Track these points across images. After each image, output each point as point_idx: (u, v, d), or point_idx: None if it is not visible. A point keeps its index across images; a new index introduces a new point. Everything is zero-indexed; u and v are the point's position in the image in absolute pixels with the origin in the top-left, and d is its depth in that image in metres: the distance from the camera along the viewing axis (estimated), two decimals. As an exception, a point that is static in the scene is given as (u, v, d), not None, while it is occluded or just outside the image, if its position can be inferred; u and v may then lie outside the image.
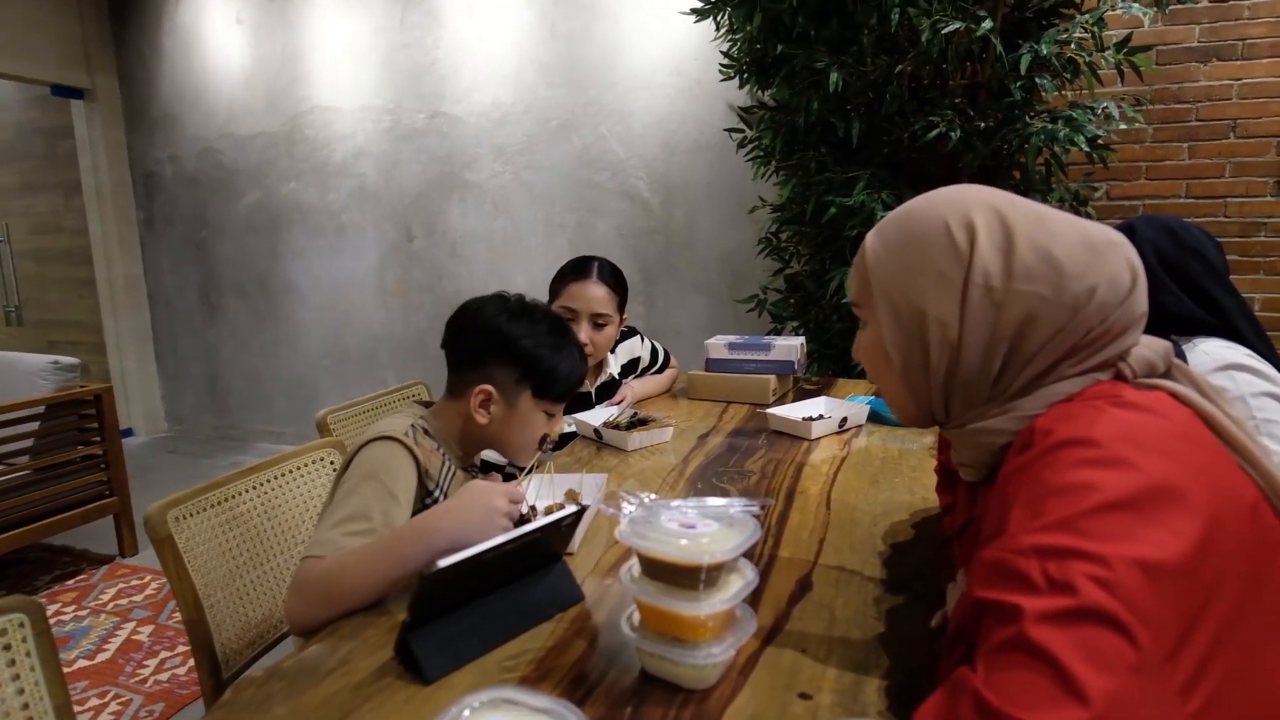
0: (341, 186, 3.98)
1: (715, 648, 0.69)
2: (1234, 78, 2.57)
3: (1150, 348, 0.67)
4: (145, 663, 2.18)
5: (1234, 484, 0.57)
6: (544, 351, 1.13)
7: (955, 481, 0.82)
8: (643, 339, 2.03)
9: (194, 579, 1.16)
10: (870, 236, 0.74)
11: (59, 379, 2.79)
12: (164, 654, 2.23)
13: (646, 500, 0.76)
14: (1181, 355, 1.16)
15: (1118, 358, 0.66)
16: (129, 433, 4.61)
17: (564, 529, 0.88)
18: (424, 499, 1.08)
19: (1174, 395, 0.64)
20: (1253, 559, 0.55)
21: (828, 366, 2.48)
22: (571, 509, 0.87)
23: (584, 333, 1.70)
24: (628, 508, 0.75)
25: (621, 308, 1.79)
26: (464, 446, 1.19)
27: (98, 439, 2.85)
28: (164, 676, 2.11)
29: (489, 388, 1.12)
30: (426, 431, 1.13)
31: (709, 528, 0.71)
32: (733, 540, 0.69)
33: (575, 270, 1.75)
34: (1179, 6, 2.32)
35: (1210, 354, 1.14)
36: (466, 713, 0.53)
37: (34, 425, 2.68)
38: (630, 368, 1.99)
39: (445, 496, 1.12)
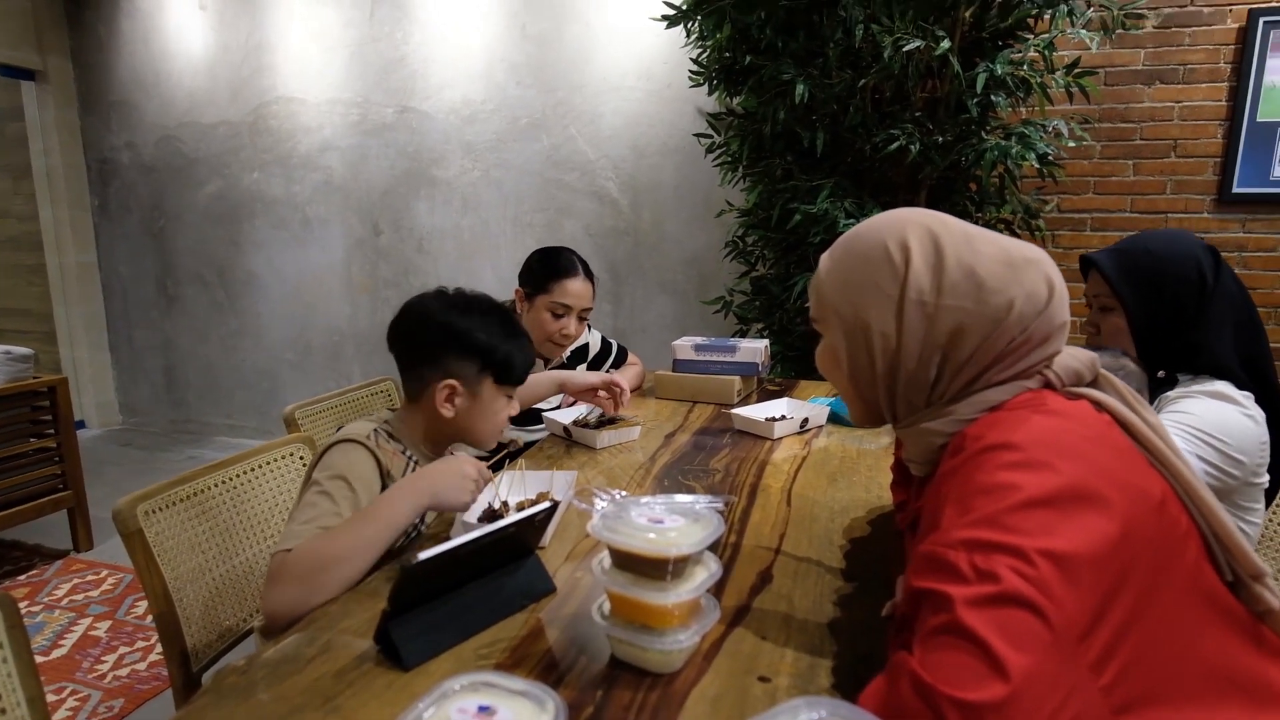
0: (307, 179, 3.93)
1: (681, 634, 0.73)
2: (1175, 100, 2.71)
3: (1077, 359, 0.74)
4: (103, 658, 2.15)
5: (1143, 482, 0.64)
6: (498, 341, 1.19)
7: (909, 479, 0.89)
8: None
9: (164, 573, 1.17)
10: (824, 257, 0.82)
11: (11, 370, 2.72)
12: (123, 649, 2.19)
13: (618, 497, 0.81)
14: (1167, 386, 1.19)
15: (1043, 364, 0.73)
16: (81, 425, 4.49)
17: (537, 524, 0.92)
18: None
19: (1096, 403, 0.71)
20: (1159, 548, 0.62)
21: (791, 368, 2.55)
22: (545, 505, 0.91)
23: (572, 326, 1.81)
24: (600, 504, 0.80)
25: None
26: (430, 446, 1.24)
27: (51, 432, 2.79)
28: (123, 672, 2.09)
29: (453, 382, 1.17)
30: (390, 435, 1.19)
31: (676, 523, 0.76)
32: (698, 534, 0.74)
33: (566, 268, 1.82)
34: (1125, 32, 2.44)
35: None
36: (448, 696, 0.57)
37: (-16, 417, 2.61)
38: (580, 354, 2.03)
39: None
